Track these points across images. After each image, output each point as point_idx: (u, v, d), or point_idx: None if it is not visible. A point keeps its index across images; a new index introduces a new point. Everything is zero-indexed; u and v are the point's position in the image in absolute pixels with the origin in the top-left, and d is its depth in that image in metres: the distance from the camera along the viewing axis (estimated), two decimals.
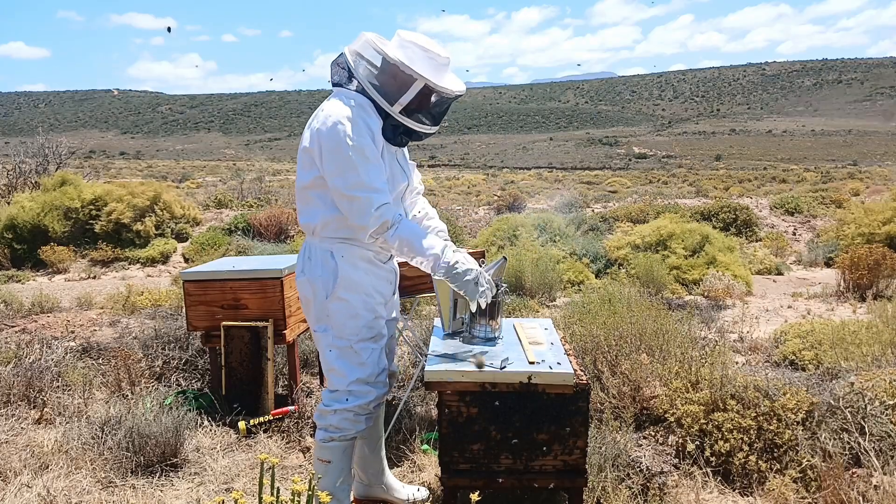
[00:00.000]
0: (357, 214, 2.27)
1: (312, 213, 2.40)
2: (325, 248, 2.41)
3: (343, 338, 2.41)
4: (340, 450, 2.47)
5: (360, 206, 2.26)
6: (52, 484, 2.89)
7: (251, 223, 11.71)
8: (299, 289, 2.49)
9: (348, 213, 2.30)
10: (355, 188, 2.25)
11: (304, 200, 2.42)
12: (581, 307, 4.64)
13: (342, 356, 2.42)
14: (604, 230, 11.68)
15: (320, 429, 2.48)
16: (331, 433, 2.45)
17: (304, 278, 2.45)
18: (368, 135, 2.28)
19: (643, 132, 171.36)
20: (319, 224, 2.39)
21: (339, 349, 2.42)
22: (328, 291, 2.39)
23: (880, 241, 9.55)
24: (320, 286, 2.40)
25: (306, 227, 2.45)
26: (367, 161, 2.26)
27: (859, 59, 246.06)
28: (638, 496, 2.72)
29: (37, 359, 4.26)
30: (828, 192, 20.10)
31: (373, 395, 2.46)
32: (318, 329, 2.46)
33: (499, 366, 2.33)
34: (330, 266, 2.39)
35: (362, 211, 2.26)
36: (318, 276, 2.40)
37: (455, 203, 20.05)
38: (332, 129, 2.25)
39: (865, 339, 4.28)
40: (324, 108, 2.35)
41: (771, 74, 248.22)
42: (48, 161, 14.93)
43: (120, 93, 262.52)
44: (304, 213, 2.44)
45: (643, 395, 3.39)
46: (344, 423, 2.44)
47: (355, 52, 2.37)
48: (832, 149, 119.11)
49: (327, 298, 2.39)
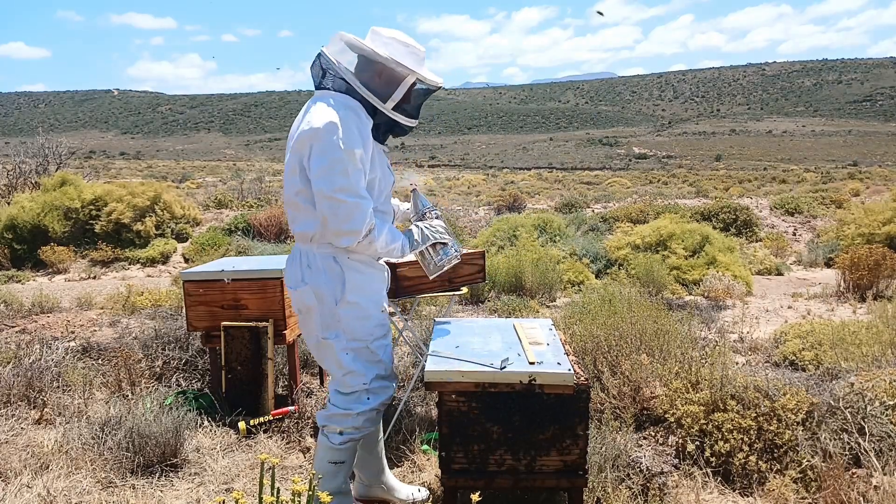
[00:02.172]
0: (343, 219, 2.23)
1: (307, 221, 2.35)
2: (327, 255, 2.37)
3: (358, 339, 2.40)
4: (353, 449, 2.47)
5: (346, 211, 2.22)
6: (52, 484, 2.89)
7: (251, 223, 11.71)
8: (299, 298, 2.43)
9: (331, 217, 2.24)
10: (342, 192, 2.21)
11: (297, 207, 2.36)
12: (581, 307, 4.64)
13: (359, 357, 2.41)
14: (604, 230, 11.69)
15: (334, 433, 2.44)
16: (350, 435, 2.43)
17: (304, 287, 2.39)
18: (359, 140, 2.25)
19: (643, 132, 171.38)
20: (315, 232, 2.35)
21: (356, 351, 2.41)
22: (337, 297, 2.36)
23: (880, 241, 9.55)
24: (327, 293, 2.36)
25: (302, 235, 2.39)
26: (355, 166, 2.23)
27: (859, 59, 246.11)
28: (638, 496, 2.72)
29: (37, 359, 4.25)
30: (828, 192, 20.11)
31: (391, 390, 2.48)
32: (328, 336, 2.41)
33: (499, 366, 2.33)
34: (335, 271, 2.37)
35: (350, 216, 2.23)
36: (324, 282, 2.36)
37: (455, 203, 20.05)
38: (323, 131, 2.21)
39: (865, 339, 4.28)
40: (311, 110, 2.30)
41: (771, 74, 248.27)
42: (48, 161, 14.94)
43: (120, 93, 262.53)
44: (298, 221, 2.38)
45: (643, 395, 3.39)
46: (366, 424, 2.44)
47: (337, 53, 2.35)
48: (832, 149, 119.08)
49: (337, 305, 2.36)
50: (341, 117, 2.24)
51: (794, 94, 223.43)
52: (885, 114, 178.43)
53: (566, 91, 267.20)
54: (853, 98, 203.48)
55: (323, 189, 2.22)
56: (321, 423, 2.48)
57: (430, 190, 28.78)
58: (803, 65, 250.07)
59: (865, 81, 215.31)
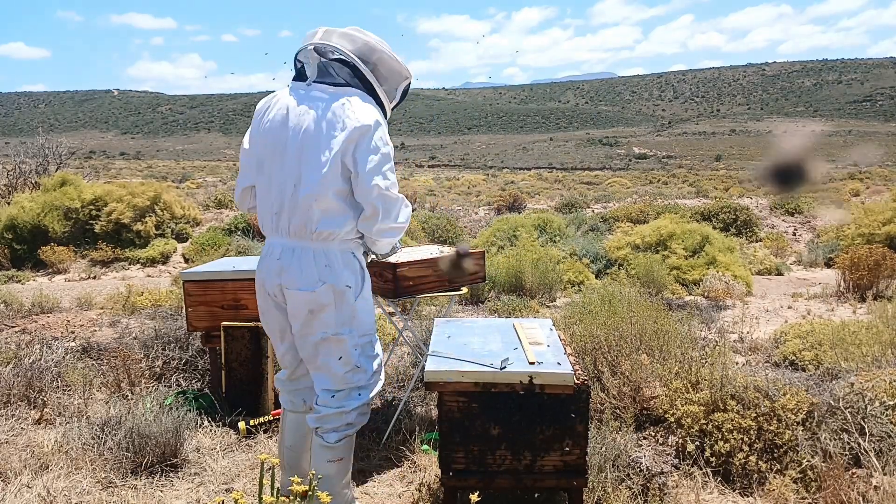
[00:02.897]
0: (394, 215, 2.31)
1: (338, 220, 2.30)
2: (347, 250, 2.37)
3: (365, 334, 2.43)
4: (350, 444, 2.46)
5: (398, 207, 2.32)
6: (52, 484, 2.89)
7: (251, 223, 11.71)
8: (313, 298, 2.31)
9: (383, 213, 2.28)
10: (395, 187, 2.30)
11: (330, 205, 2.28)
12: (581, 307, 4.64)
13: (364, 352, 2.42)
14: (604, 230, 11.69)
15: (329, 432, 2.39)
16: (345, 431, 2.40)
17: (322, 286, 2.30)
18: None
19: (643, 132, 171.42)
20: (345, 230, 2.33)
21: (362, 346, 2.42)
22: (357, 291, 2.38)
23: (880, 241, 9.55)
24: (351, 288, 2.34)
25: (327, 234, 2.30)
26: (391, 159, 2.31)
27: (859, 60, 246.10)
28: (638, 496, 2.72)
29: (37, 359, 4.25)
30: (828, 192, 20.08)
31: (382, 381, 2.50)
32: (342, 332, 2.35)
33: (499, 366, 2.33)
34: (355, 266, 2.39)
35: (400, 212, 2.33)
36: (347, 278, 2.34)
37: (455, 203, 20.05)
38: (374, 128, 2.24)
39: (865, 339, 4.28)
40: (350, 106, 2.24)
41: (771, 74, 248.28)
42: (48, 161, 14.93)
43: (120, 93, 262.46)
44: (326, 220, 2.28)
45: (643, 395, 3.39)
46: (360, 418, 2.43)
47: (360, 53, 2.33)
48: (832, 149, 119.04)
49: (356, 299, 2.37)
50: (381, 118, 2.29)
51: (794, 94, 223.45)
52: (885, 114, 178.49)
53: (566, 91, 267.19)
54: (853, 98, 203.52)
55: (379, 184, 2.24)
56: (313, 426, 2.43)
57: (430, 190, 28.79)
58: (803, 65, 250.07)
59: (865, 81, 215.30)
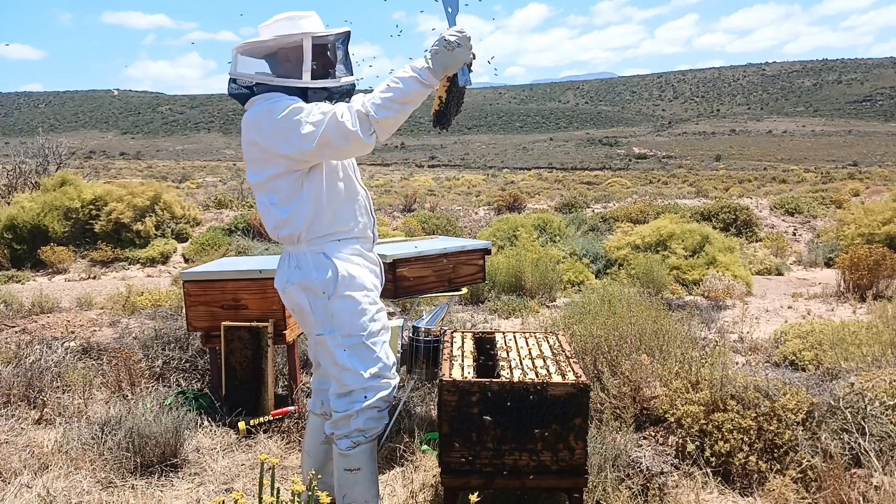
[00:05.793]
0: (340, 136, 2.21)
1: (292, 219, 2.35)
2: (316, 251, 2.37)
3: (353, 335, 2.37)
4: (367, 453, 2.40)
5: (335, 128, 2.21)
6: (51, 484, 2.89)
7: (251, 223, 11.72)
8: (289, 299, 2.44)
9: (336, 142, 2.23)
10: (313, 122, 2.22)
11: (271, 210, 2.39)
12: (581, 307, 4.64)
13: (355, 353, 2.38)
14: (604, 230, 11.70)
15: (341, 438, 2.39)
16: (355, 438, 2.37)
17: (292, 287, 2.39)
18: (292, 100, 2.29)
19: (643, 132, 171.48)
20: (304, 228, 2.35)
21: (351, 347, 2.38)
22: (329, 292, 2.35)
23: (880, 241, 9.54)
24: (318, 289, 2.35)
25: (289, 237, 2.38)
26: (301, 109, 2.25)
27: (859, 60, 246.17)
28: (638, 496, 2.72)
29: (37, 359, 4.25)
30: (828, 192, 20.12)
31: (391, 385, 2.42)
32: (323, 332, 2.38)
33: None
34: (326, 266, 2.36)
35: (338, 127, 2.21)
36: (314, 279, 2.35)
37: (455, 203, 20.06)
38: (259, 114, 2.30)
39: (865, 339, 4.28)
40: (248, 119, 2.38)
41: (771, 75, 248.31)
42: (48, 161, 14.92)
43: (120, 93, 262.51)
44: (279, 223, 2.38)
45: (643, 395, 3.39)
46: (369, 423, 2.38)
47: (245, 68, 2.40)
48: (832, 149, 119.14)
49: (329, 299, 2.35)
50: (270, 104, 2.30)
51: (794, 94, 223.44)
52: (885, 114, 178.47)
53: (566, 91, 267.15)
54: (853, 98, 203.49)
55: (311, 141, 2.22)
56: (328, 432, 2.44)
57: (430, 190, 28.79)
58: (803, 65, 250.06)
59: (865, 81, 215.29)
